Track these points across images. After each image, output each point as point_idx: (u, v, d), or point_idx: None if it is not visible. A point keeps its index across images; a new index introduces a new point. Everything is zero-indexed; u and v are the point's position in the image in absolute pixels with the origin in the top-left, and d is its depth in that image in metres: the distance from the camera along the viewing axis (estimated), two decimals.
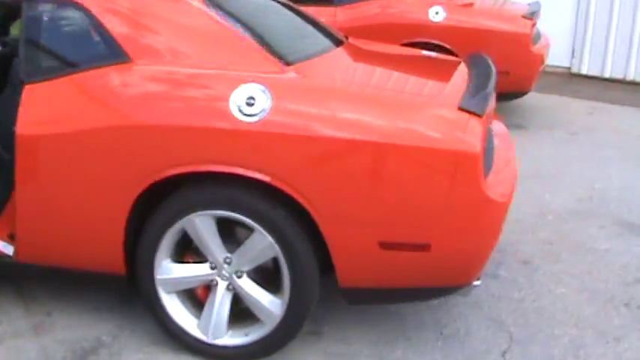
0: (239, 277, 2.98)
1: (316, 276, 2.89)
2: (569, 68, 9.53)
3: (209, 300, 3.03)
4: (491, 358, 3.18)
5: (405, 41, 6.58)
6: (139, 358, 3.11)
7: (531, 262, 4.12)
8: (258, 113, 2.75)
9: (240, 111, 2.75)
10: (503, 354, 3.21)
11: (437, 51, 6.32)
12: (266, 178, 2.75)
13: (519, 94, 6.84)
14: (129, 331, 3.29)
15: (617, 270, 4.07)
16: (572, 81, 9.40)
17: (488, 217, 2.76)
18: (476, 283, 3.02)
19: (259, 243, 2.87)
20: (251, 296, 2.97)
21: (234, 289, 3.00)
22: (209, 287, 3.05)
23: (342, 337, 3.29)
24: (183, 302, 3.10)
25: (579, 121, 7.34)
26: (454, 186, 2.70)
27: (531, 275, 3.96)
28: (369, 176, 2.72)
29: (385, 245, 2.80)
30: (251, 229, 2.86)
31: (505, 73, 6.36)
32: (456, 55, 6.36)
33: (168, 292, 3.06)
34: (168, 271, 3.03)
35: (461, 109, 2.77)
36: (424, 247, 2.79)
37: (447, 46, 6.53)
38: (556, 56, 9.16)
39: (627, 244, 4.42)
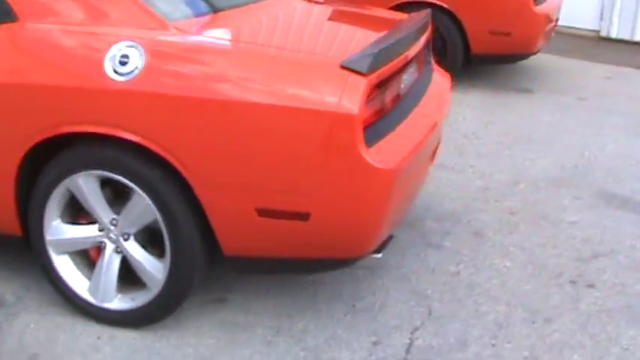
0: (126, 239, 2.86)
1: (197, 240, 2.73)
2: (597, 31, 9.00)
3: (99, 263, 2.92)
4: (397, 335, 2.97)
5: (403, 0, 6.27)
6: (35, 319, 3.01)
7: (483, 233, 3.87)
8: (130, 72, 2.60)
9: (114, 70, 2.61)
10: (414, 331, 3.00)
11: (435, 11, 6.01)
12: (136, 139, 2.61)
13: (523, 55, 6.46)
14: (35, 292, 3.20)
15: (577, 244, 3.79)
16: (600, 45, 8.89)
17: (371, 185, 2.53)
18: (376, 255, 2.81)
19: (139, 204, 2.75)
20: (136, 259, 2.85)
21: (121, 251, 2.88)
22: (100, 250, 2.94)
23: (246, 307, 3.13)
24: (76, 264, 2.99)
25: (593, 86, 6.92)
26: (330, 151, 2.48)
27: (478, 247, 3.71)
28: (243, 138, 2.54)
29: (263, 212, 2.61)
30: (132, 191, 2.74)
31: (506, 33, 6.02)
32: (455, 16, 6.04)
33: (59, 253, 2.96)
34: (58, 231, 2.93)
35: (343, 67, 2.54)
36: (303, 216, 2.59)
37: (445, 6, 6.18)
38: (584, 19, 8.68)
39: (599, 216, 4.11)
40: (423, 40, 3.24)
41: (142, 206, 2.73)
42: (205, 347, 2.85)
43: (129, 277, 2.91)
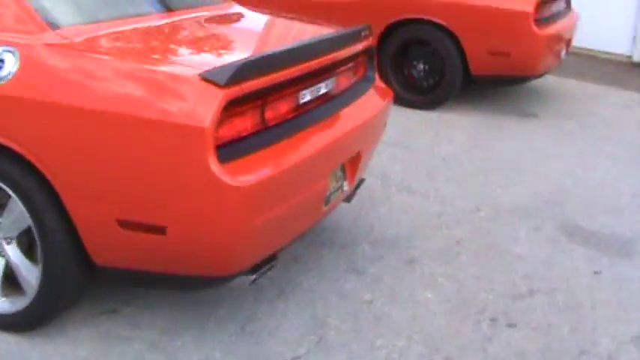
0: (8, 243, 2.84)
1: (69, 250, 2.67)
2: (630, 57, 8.58)
3: None
4: None
5: (400, 18, 6.10)
6: None
7: (418, 261, 3.68)
8: (4, 77, 2.59)
9: None
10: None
11: (432, 29, 5.85)
12: (10, 144, 2.60)
13: (525, 78, 6.19)
14: None
15: (516, 279, 3.57)
16: (631, 71, 8.49)
17: (224, 203, 2.41)
18: (250, 277, 2.70)
19: (14, 210, 2.73)
20: (15, 263, 2.83)
21: (3, 255, 2.87)
22: None
23: (135, 320, 3.04)
24: None
25: (605, 113, 6.59)
26: (182, 164, 2.39)
27: (404, 276, 3.53)
28: (104, 148, 2.48)
29: (123, 224, 2.54)
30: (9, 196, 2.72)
31: (505, 54, 5.79)
32: (453, 35, 5.85)
33: None
34: None
35: (202, 78, 2.44)
36: (160, 230, 2.50)
37: (443, 24, 5.98)
38: (617, 43, 8.29)
39: (553, 250, 3.88)
40: (343, 53, 3.11)
41: (17, 212, 2.71)
42: (75, 358, 2.77)
43: (13, 281, 2.88)
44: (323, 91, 3.06)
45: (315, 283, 3.41)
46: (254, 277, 2.70)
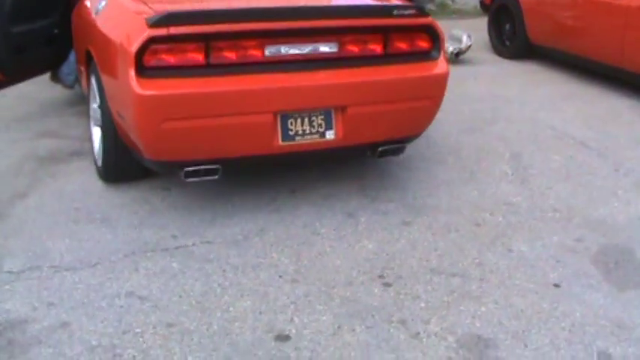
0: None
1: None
2: None
3: None
4: None
5: None
6: None
7: None
8: (99, 11, 4.17)
9: None
10: None
11: None
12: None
13: None
14: None
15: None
16: None
17: (134, 104, 3.50)
18: (181, 173, 3.76)
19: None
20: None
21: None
22: None
23: (183, 194, 4.31)
24: None
25: None
26: (124, 73, 3.52)
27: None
28: (103, 53, 3.89)
29: (117, 114, 3.90)
30: None
31: None
32: None
33: None
34: None
35: (146, 20, 3.55)
36: (122, 117, 3.80)
37: None
38: None
39: None
40: (332, 22, 3.75)
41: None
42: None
43: None
44: (306, 50, 3.75)
45: None
46: (184, 172, 3.69)
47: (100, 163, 4.36)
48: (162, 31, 3.46)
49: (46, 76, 6.02)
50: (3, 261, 3.48)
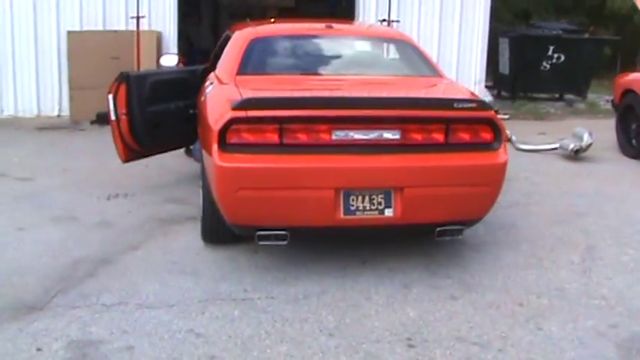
0: None
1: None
2: None
3: None
4: None
5: None
6: None
7: None
8: None
9: None
10: None
11: None
12: None
13: None
14: None
15: None
16: None
17: (216, 173, 4.24)
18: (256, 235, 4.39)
19: None
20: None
21: None
22: None
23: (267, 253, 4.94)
24: None
25: None
26: (212, 147, 4.33)
27: None
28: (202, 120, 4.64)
29: None
30: None
31: None
32: None
33: None
34: None
35: (230, 104, 4.31)
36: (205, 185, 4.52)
37: None
38: None
39: None
40: (398, 113, 4.28)
41: None
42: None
43: None
44: (371, 136, 4.30)
45: None
46: (257, 236, 4.31)
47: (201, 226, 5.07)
48: (242, 114, 4.13)
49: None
50: (101, 296, 4.20)
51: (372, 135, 4.29)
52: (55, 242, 5.13)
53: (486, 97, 11.79)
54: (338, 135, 4.26)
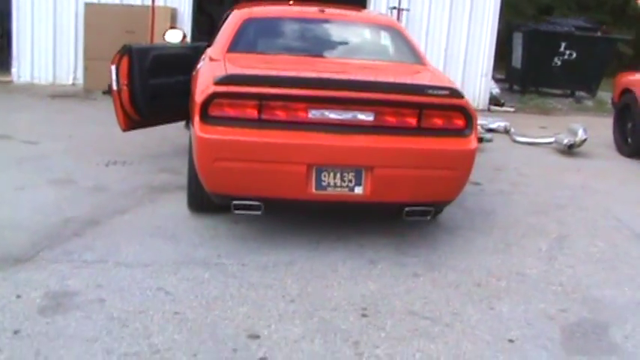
0: None
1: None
2: None
3: None
4: None
5: None
6: None
7: None
8: None
9: None
10: None
11: None
12: None
13: None
14: None
15: None
16: None
17: (197, 144, 4.49)
18: (232, 204, 4.63)
19: None
20: None
21: None
22: None
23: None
24: None
25: None
26: (195, 119, 4.59)
27: None
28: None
29: None
30: None
31: None
32: None
33: None
34: None
35: (213, 78, 4.54)
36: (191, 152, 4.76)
37: None
38: None
39: None
40: (372, 96, 4.47)
41: None
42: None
43: None
44: (346, 116, 4.52)
45: None
46: (232, 205, 4.55)
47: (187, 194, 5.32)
48: (223, 89, 4.36)
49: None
50: (83, 253, 4.47)
51: (346, 115, 4.50)
52: (49, 202, 5.40)
53: (493, 89, 11.93)
54: (314, 114, 4.47)
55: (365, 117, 4.51)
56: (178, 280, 4.19)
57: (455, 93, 4.59)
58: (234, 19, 5.70)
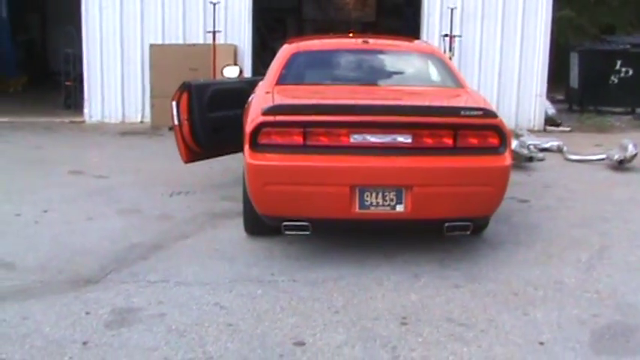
0: None
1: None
2: None
3: None
4: None
5: None
6: None
7: None
8: None
9: None
10: None
11: None
12: None
13: None
14: None
15: None
16: None
17: (248, 171, 4.89)
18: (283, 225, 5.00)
19: None
20: None
21: None
22: None
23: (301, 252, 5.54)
24: None
25: None
26: (245, 147, 4.99)
27: None
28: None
29: None
30: None
31: None
32: None
33: None
34: None
35: (261, 108, 4.94)
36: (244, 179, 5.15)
37: None
38: None
39: None
40: (412, 119, 4.80)
41: None
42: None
43: None
44: (385, 139, 4.85)
45: None
46: (283, 226, 4.91)
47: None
48: (270, 118, 4.75)
49: None
50: (148, 274, 4.89)
51: (386, 138, 4.82)
52: (117, 230, 5.87)
53: (549, 109, 12.05)
54: (355, 138, 4.81)
55: (403, 139, 4.82)
56: (233, 296, 4.55)
57: (488, 113, 4.86)
58: (283, 53, 6.11)
